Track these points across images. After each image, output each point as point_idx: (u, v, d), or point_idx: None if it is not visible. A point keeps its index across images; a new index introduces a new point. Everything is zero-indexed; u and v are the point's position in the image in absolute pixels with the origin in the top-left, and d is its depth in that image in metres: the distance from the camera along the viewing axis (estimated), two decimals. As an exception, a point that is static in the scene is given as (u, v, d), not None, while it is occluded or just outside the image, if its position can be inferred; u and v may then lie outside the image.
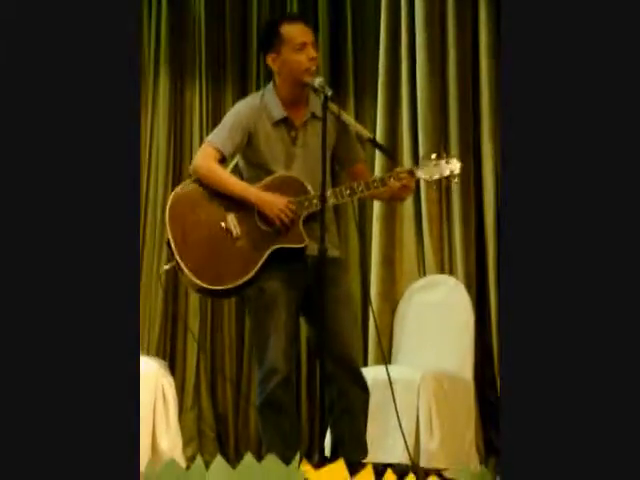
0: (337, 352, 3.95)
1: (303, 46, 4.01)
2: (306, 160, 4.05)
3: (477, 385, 5.35)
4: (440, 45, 5.62)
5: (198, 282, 3.94)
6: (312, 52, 4.01)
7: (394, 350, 5.59)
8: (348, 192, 4.00)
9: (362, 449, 4.05)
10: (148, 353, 5.71)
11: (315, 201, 3.94)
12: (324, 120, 3.84)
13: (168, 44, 6.04)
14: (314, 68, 4.00)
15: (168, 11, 6.04)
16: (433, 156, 4.10)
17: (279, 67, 4.06)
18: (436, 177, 4.08)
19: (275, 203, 3.95)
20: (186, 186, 4.07)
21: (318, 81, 3.95)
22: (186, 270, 3.93)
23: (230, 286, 3.95)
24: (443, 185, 4.86)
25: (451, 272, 5.59)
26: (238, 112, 4.12)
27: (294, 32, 4.03)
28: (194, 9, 6.12)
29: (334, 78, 6.01)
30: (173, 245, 3.95)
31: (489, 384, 5.44)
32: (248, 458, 2.71)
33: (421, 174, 4.06)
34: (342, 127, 4.13)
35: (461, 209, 5.55)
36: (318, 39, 5.88)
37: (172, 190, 4.16)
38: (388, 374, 4.07)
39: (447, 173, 4.08)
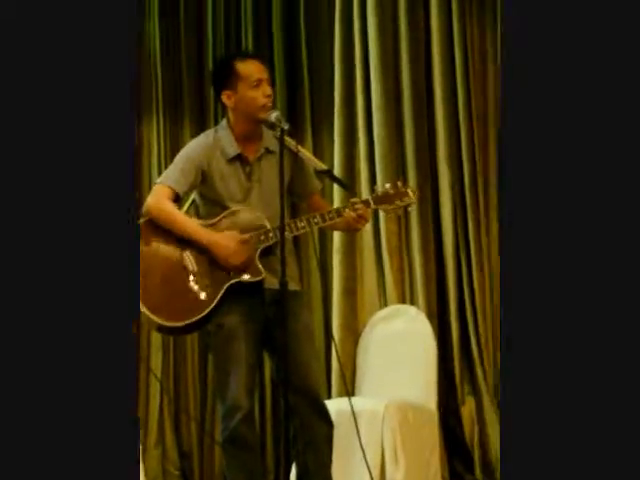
0: (299, 384, 3.93)
1: (259, 83, 4.01)
2: (262, 194, 4.05)
3: (441, 414, 5.34)
4: (394, 73, 5.65)
5: (156, 319, 3.91)
6: (267, 89, 4.01)
7: (357, 381, 5.57)
8: (303, 224, 3.99)
9: (326, 482, 4.03)
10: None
11: (271, 234, 3.94)
12: (281, 154, 3.83)
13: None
14: (270, 104, 4.00)
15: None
16: (387, 185, 4.11)
17: (235, 104, 4.06)
18: (391, 207, 4.09)
19: (225, 246, 3.93)
20: (141, 225, 4.04)
21: (275, 115, 3.95)
22: (144, 308, 3.90)
23: (188, 322, 3.92)
24: (401, 216, 4.87)
25: (412, 302, 5.59)
26: (190, 150, 4.11)
27: (249, 69, 4.03)
28: (149, 46, 6.12)
29: (291, 111, 6.03)
30: None
31: (452, 413, 5.43)
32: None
33: (377, 204, 4.07)
34: (297, 160, 4.13)
35: (420, 239, 5.56)
36: (274, 72, 5.91)
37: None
38: (351, 406, 4.05)
39: (403, 203, 4.09)
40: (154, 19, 6.12)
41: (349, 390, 5.28)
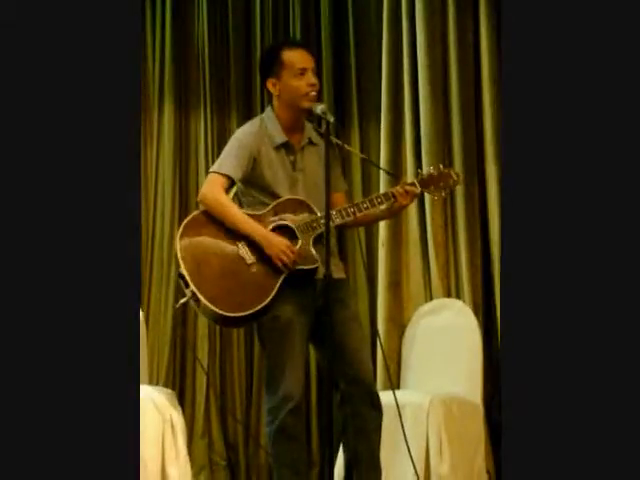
0: (351, 373, 3.97)
1: (303, 71, 4.04)
2: (305, 184, 4.09)
3: (486, 408, 5.34)
4: (442, 68, 5.63)
5: (217, 310, 3.90)
6: (312, 78, 4.04)
7: (402, 374, 5.58)
8: (352, 210, 4.02)
9: (376, 469, 4.05)
10: (157, 383, 5.72)
11: (323, 221, 3.95)
12: (327, 145, 3.85)
13: (172, 73, 6.08)
14: (313, 94, 4.02)
15: (172, 40, 6.08)
16: (431, 168, 4.16)
17: (279, 92, 4.09)
18: (436, 190, 4.11)
19: (277, 245, 3.95)
20: (194, 216, 4.07)
21: (320, 108, 3.97)
22: (205, 300, 3.90)
23: (250, 312, 3.93)
24: (447, 196, 4.86)
25: (458, 296, 5.59)
26: (241, 137, 4.14)
27: (294, 58, 4.06)
28: (197, 36, 6.16)
29: (337, 106, 6.04)
30: (188, 276, 3.93)
31: (498, 407, 5.43)
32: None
33: (422, 187, 4.09)
34: (332, 155, 4.16)
35: (467, 233, 5.55)
36: (322, 65, 5.93)
37: (179, 221, 4.14)
38: (396, 399, 4.07)
39: (449, 183, 4.12)
40: (203, 11, 6.16)
41: (394, 383, 5.29)
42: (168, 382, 5.88)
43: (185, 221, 4.07)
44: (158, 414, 4.95)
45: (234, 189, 4.18)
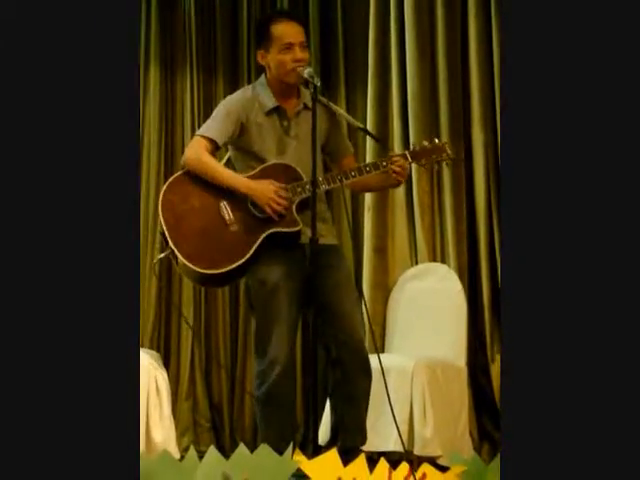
0: (343, 337, 4.00)
1: (290, 46, 4.04)
2: (298, 150, 4.09)
3: (470, 372, 5.37)
4: (429, 33, 5.62)
5: (193, 267, 3.95)
6: (298, 53, 4.03)
7: (387, 338, 5.61)
8: (339, 177, 4.03)
9: (362, 435, 4.10)
10: (142, 345, 5.73)
11: (308, 187, 3.96)
12: (313, 110, 3.87)
13: (158, 37, 6.04)
14: (300, 69, 4.01)
15: (158, 3, 6.05)
16: (425, 142, 4.14)
17: (267, 64, 4.10)
18: (428, 161, 4.11)
19: (264, 191, 3.97)
20: (178, 176, 4.09)
21: (307, 71, 3.98)
22: (181, 257, 3.95)
23: (224, 270, 3.96)
24: (435, 172, 4.88)
25: (443, 260, 5.61)
26: (229, 103, 4.15)
27: (282, 32, 4.05)
28: (184, 1, 6.13)
29: (325, 69, 6.02)
30: (167, 233, 3.97)
31: (482, 371, 5.47)
32: (241, 448, 2.74)
33: (413, 158, 4.09)
34: (332, 120, 4.17)
35: (452, 198, 5.56)
36: (309, 31, 5.90)
37: (165, 182, 4.18)
38: (380, 362, 4.09)
39: (440, 157, 4.12)
40: (189, -24, 6.13)
41: (378, 347, 5.32)
42: (153, 344, 5.89)
43: (168, 180, 4.10)
44: (143, 375, 4.97)
45: (226, 155, 4.20)
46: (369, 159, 5.50)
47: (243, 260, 3.95)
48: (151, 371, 5.06)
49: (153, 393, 5.03)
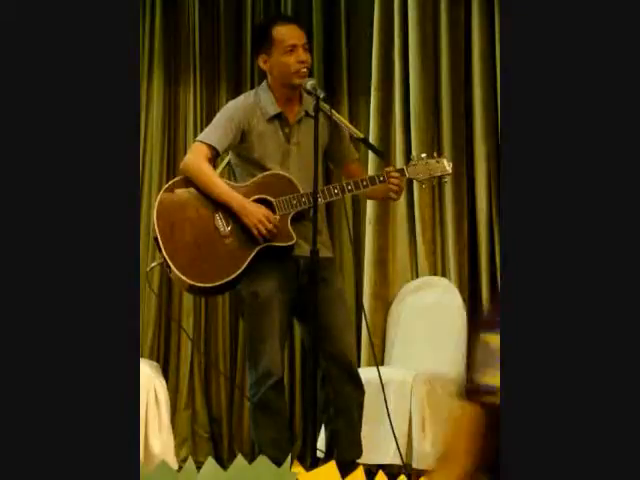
0: (332, 351, 3.98)
1: (293, 48, 4.03)
2: (300, 158, 4.08)
3: (469, 386, 5.35)
4: (433, 46, 5.62)
5: (185, 279, 3.94)
6: (302, 55, 4.03)
7: (387, 352, 5.60)
8: (336, 191, 4.02)
9: (357, 448, 4.08)
10: (141, 355, 5.72)
11: (304, 199, 3.96)
12: (316, 121, 3.87)
13: (162, 43, 6.05)
14: (304, 70, 4.01)
15: (162, 10, 6.06)
16: (423, 155, 4.13)
17: (269, 68, 4.09)
18: (426, 177, 4.10)
19: (255, 213, 3.95)
20: (175, 184, 4.07)
21: (310, 83, 3.98)
22: (173, 267, 3.93)
23: (217, 284, 3.95)
24: (435, 186, 4.88)
25: (444, 274, 5.61)
26: (230, 109, 4.14)
27: (285, 34, 4.05)
28: (188, 8, 6.13)
29: (328, 79, 6.03)
30: (161, 242, 3.96)
31: (481, 385, 5.44)
32: (239, 460, 2.72)
33: (411, 173, 4.08)
34: (335, 127, 4.16)
35: (454, 211, 5.56)
36: (312, 41, 5.91)
37: (166, 189, 4.17)
38: (380, 376, 4.09)
39: (438, 173, 4.11)
40: (193, -16, 6.14)
41: (378, 360, 5.31)
42: (152, 354, 5.88)
43: (165, 187, 4.08)
44: (142, 386, 4.96)
45: (225, 160, 4.19)
46: (370, 168, 5.50)
47: (236, 274, 3.95)
48: (150, 381, 5.05)
49: (152, 403, 5.02)
